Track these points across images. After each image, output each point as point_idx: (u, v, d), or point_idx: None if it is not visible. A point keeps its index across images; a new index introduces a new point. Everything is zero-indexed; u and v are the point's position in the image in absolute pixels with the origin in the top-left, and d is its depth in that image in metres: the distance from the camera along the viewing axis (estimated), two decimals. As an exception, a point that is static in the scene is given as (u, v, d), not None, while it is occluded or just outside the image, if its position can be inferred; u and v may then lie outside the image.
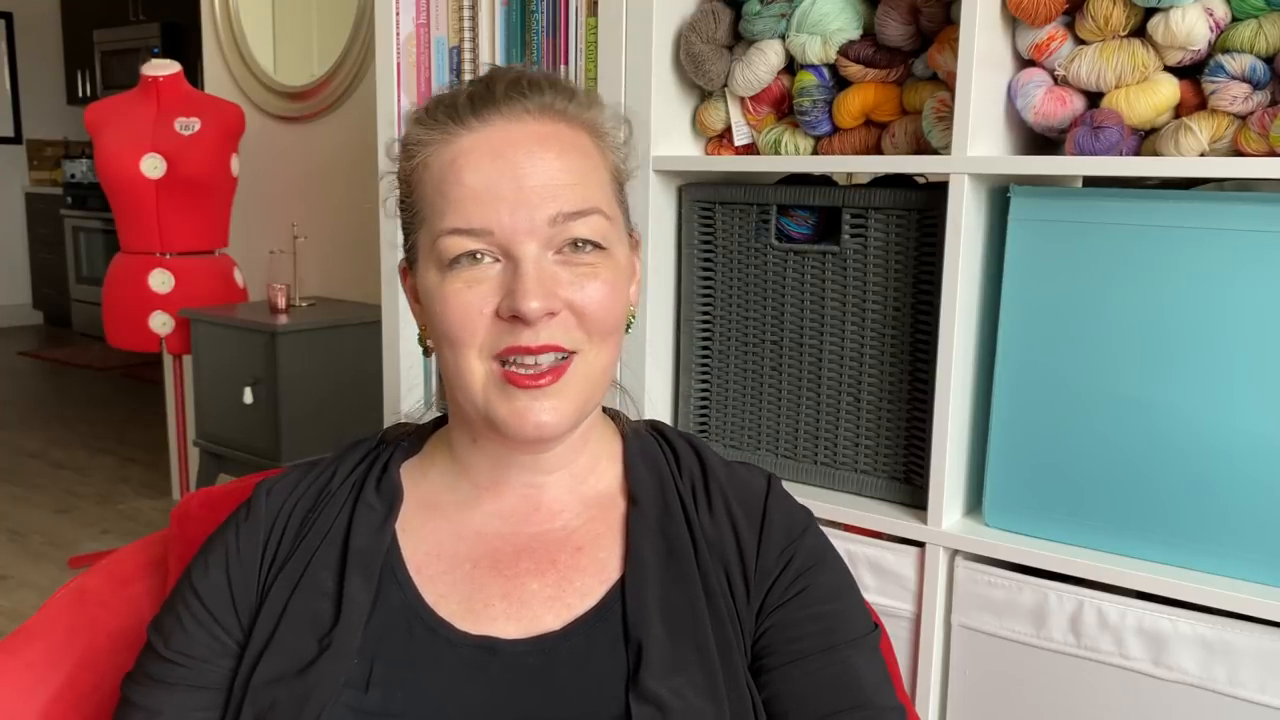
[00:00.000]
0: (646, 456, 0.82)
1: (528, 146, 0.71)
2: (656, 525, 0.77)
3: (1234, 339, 1.03)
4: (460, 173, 0.71)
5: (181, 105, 2.99)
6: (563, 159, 0.72)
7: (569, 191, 0.71)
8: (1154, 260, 1.06)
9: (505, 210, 0.69)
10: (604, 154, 0.77)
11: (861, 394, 1.29)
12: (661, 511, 0.78)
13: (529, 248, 0.70)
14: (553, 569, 0.76)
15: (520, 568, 0.76)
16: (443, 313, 0.71)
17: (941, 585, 1.21)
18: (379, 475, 0.80)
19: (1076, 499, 1.14)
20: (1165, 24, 1.06)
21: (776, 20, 1.29)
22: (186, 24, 5.82)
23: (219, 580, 0.77)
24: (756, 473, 0.82)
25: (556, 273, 0.71)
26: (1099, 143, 1.09)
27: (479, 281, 0.70)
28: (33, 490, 3.77)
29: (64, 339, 6.86)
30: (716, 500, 0.79)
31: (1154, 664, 1.08)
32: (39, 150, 7.31)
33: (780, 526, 0.78)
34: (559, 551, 0.77)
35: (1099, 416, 1.11)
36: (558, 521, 0.78)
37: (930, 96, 1.22)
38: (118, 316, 3.08)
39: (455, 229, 0.70)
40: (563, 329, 0.71)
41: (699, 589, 0.75)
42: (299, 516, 0.79)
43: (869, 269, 1.26)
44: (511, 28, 1.47)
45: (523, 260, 0.70)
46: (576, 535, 0.78)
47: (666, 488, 0.80)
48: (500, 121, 0.72)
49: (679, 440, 0.84)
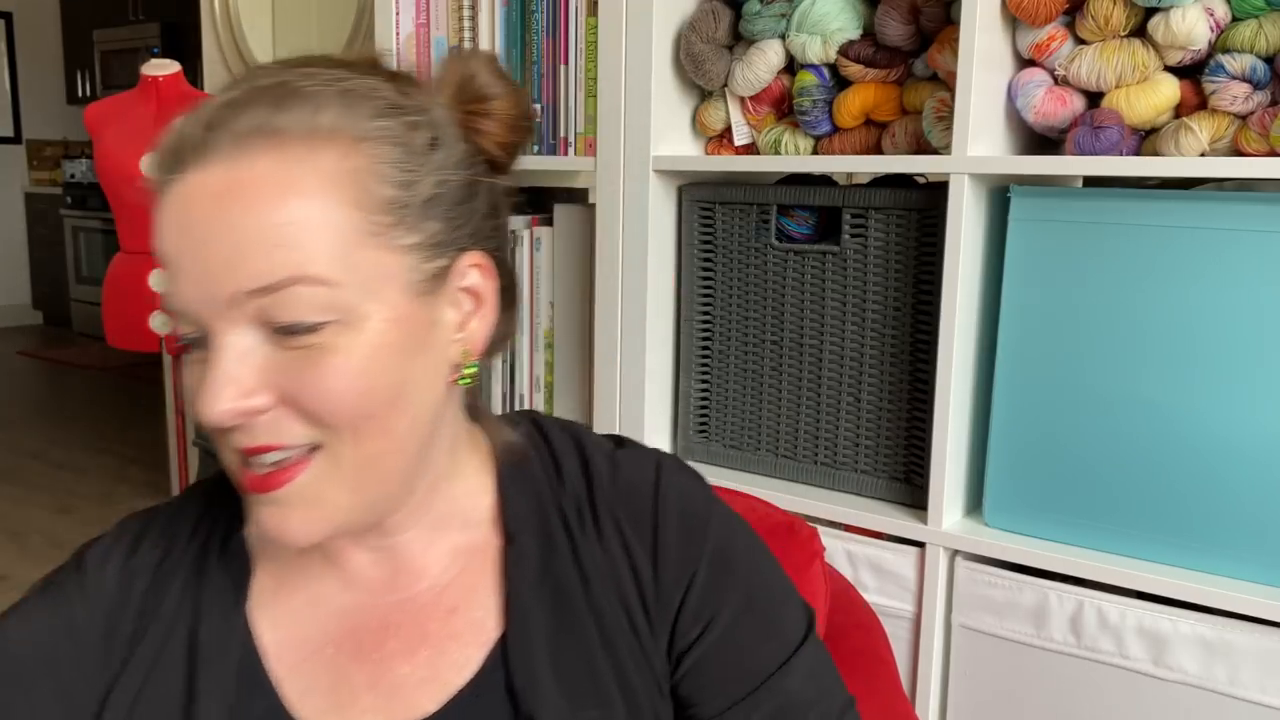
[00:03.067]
0: (524, 480, 0.68)
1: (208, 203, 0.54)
2: (539, 565, 0.65)
3: (1234, 339, 1.03)
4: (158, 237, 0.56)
5: (181, 105, 2.93)
6: (254, 214, 0.54)
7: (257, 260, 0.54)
8: (1154, 260, 1.06)
9: (191, 285, 0.55)
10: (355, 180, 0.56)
11: (861, 394, 1.29)
12: (544, 546, 0.66)
13: (224, 333, 0.55)
14: (424, 645, 0.64)
15: (387, 649, 0.64)
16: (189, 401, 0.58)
17: (942, 585, 1.21)
18: (221, 539, 0.66)
19: (1076, 499, 1.14)
20: (1165, 24, 1.06)
21: (776, 20, 1.29)
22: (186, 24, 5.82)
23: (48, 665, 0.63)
24: (645, 468, 0.69)
25: (264, 359, 0.55)
26: (1099, 143, 1.09)
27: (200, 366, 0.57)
28: (32, 490, 3.77)
29: (64, 339, 6.86)
30: (605, 520, 0.67)
31: (1154, 664, 1.08)
32: (39, 150, 7.31)
33: (674, 535, 0.66)
34: (429, 619, 0.64)
35: (1099, 416, 1.11)
36: (424, 582, 0.65)
37: (930, 96, 1.22)
38: (118, 316, 3.07)
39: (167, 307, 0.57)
40: (285, 424, 0.56)
41: (594, 636, 0.64)
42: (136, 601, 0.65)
43: (869, 269, 1.26)
44: (511, 28, 1.47)
45: (215, 350, 0.55)
46: (448, 594, 0.65)
47: (548, 515, 0.67)
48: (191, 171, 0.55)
49: (561, 442, 0.70)
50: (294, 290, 0.54)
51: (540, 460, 0.69)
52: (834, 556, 1.26)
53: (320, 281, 0.54)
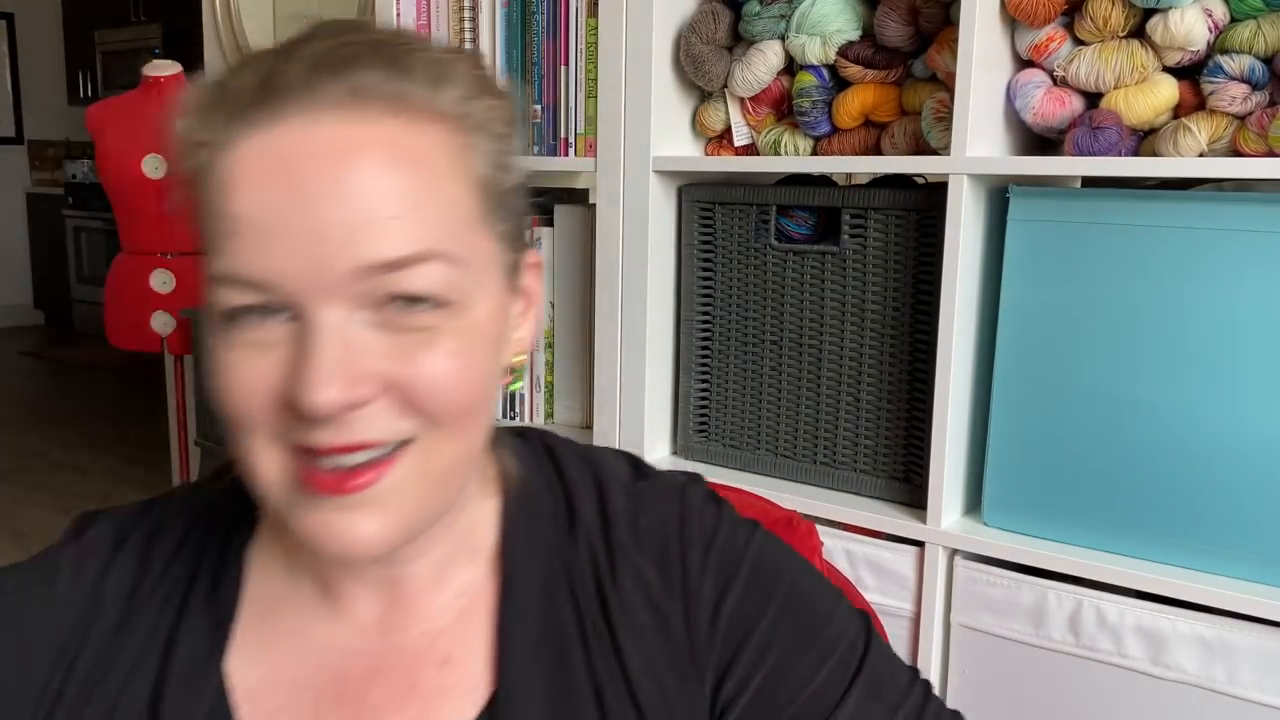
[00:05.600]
0: (532, 515, 0.61)
1: (326, 158, 0.48)
2: (539, 619, 0.58)
3: (1233, 339, 1.03)
4: (231, 195, 0.49)
5: (182, 106, 2.99)
6: (384, 176, 0.48)
7: (389, 229, 0.48)
8: (1153, 260, 1.07)
9: (290, 254, 0.48)
10: (465, 158, 0.52)
11: (861, 394, 1.29)
12: (546, 597, 0.59)
13: (327, 311, 0.48)
14: (413, 698, 0.57)
15: (370, 700, 0.57)
16: (223, 388, 0.50)
17: (941, 585, 1.22)
18: (215, 568, 0.60)
19: (1075, 498, 1.14)
20: (1164, 25, 1.06)
21: (776, 21, 1.30)
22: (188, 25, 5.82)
23: None
24: (668, 501, 0.62)
25: (370, 343, 0.49)
26: (1098, 143, 1.09)
27: (266, 347, 0.49)
28: (34, 490, 3.78)
29: (65, 339, 6.87)
30: (623, 570, 0.59)
31: (1153, 663, 1.08)
32: (40, 151, 7.32)
33: (708, 580, 0.59)
34: (421, 669, 0.58)
35: (1098, 416, 1.11)
36: (417, 627, 0.59)
37: (929, 97, 1.22)
38: (119, 316, 3.08)
39: (227, 275, 0.49)
40: (383, 417, 0.50)
41: (592, 707, 0.57)
42: (109, 621, 0.58)
43: (868, 269, 1.26)
44: (511, 28, 1.48)
45: (316, 330, 0.48)
46: (442, 643, 0.59)
47: (554, 561, 0.60)
48: (295, 117, 0.48)
49: (576, 473, 0.63)
50: (426, 267, 0.49)
51: (552, 495, 0.62)
52: (833, 555, 1.26)
53: (451, 259, 0.50)
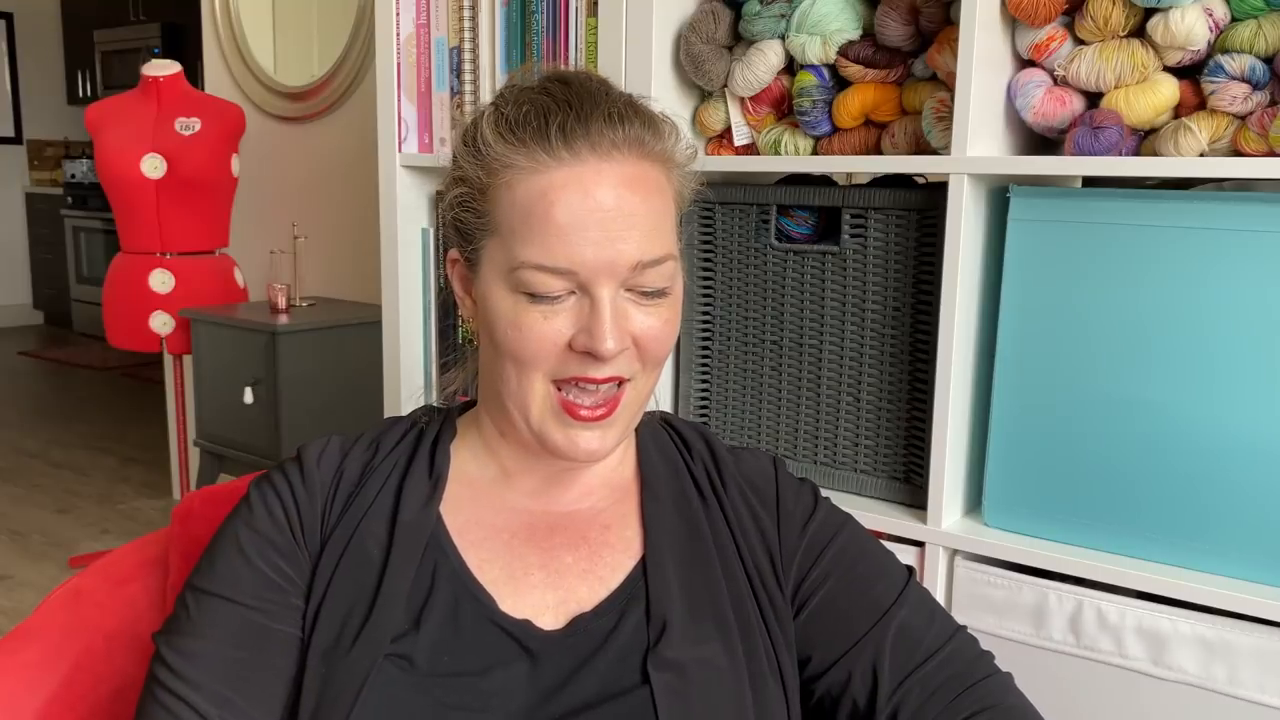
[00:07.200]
0: (659, 446, 0.87)
1: (616, 188, 0.73)
2: (673, 509, 0.83)
3: (1233, 339, 1.03)
4: (550, 208, 0.72)
5: (182, 105, 2.99)
6: (646, 202, 0.74)
7: (649, 239, 0.73)
8: (1153, 260, 1.06)
9: (590, 251, 0.72)
10: (673, 186, 0.79)
11: (861, 394, 1.29)
12: (678, 497, 0.84)
13: (607, 288, 0.73)
14: (584, 543, 0.81)
15: (555, 541, 0.81)
16: (516, 337, 0.74)
17: (941, 585, 1.21)
18: (430, 453, 0.84)
19: (1076, 499, 1.14)
20: (1165, 24, 1.06)
21: (776, 20, 1.29)
22: (187, 24, 5.83)
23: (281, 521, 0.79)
24: (763, 457, 0.88)
25: (627, 310, 0.74)
26: (1098, 143, 1.09)
27: (555, 314, 0.73)
28: (33, 490, 3.78)
29: (64, 339, 6.87)
30: (731, 489, 0.85)
31: (1153, 664, 1.08)
32: (39, 150, 7.31)
33: (795, 507, 0.85)
34: (588, 528, 0.82)
35: (1098, 416, 1.11)
36: (585, 502, 0.84)
37: (930, 97, 1.22)
38: (118, 316, 3.08)
39: (540, 265, 0.72)
40: (626, 361, 0.75)
41: (717, 570, 0.81)
42: (345, 490, 0.81)
43: (869, 269, 1.26)
44: (511, 28, 1.47)
45: (601, 301, 0.73)
46: (603, 515, 0.83)
47: (680, 475, 0.86)
48: (591, 157, 0.73)
49: (688, 430, 0.90)
50: (668, 264, 0.75)
51: (671, 437, 0.89)
52: (834, 556, 1.26)
53: (676, 259, 0.77)
